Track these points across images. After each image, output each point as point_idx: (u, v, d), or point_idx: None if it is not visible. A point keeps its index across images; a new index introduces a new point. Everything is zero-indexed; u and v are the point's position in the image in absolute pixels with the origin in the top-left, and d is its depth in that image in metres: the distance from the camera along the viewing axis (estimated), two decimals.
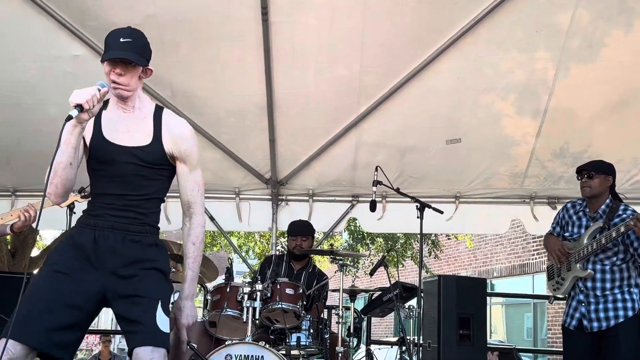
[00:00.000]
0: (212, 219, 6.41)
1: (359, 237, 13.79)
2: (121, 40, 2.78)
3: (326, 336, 4.76)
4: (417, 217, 4.79)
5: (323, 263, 14.37)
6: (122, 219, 2.80)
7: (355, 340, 5.12)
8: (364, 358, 6.12)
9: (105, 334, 13.04)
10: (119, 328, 5.04)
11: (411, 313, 5.15)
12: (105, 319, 31.97)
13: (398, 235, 13.48)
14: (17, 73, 5.03)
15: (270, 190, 6.36)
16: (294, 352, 4.72)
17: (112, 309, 2.81)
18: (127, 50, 2.76)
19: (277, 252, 6.40)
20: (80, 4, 4.66)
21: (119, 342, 19.10)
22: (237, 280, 5.27)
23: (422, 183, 6.16)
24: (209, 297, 4.73)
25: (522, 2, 4.70)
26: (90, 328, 2.90)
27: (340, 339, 4.71)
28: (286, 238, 5.77)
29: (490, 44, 4.95)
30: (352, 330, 4.92)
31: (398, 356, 5.22)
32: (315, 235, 5.80)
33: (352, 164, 6.06)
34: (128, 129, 2.86)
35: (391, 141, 5.85)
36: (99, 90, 2.66)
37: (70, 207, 4.32)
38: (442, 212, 5.02)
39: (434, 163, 6.03)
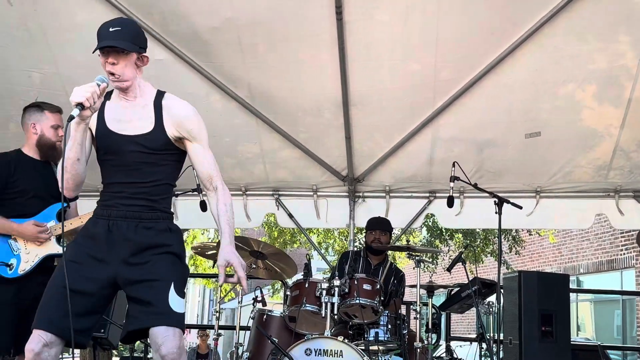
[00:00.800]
0: (290, 216, 6.52)
1: (437, 233, 13.65)
2: (110, 30, 2.80)
3: (404, 332, 4.78)
4: (496, 213, 4.75)
5: (403, 260, 14.33)
6: (133, 207, 2.85)
7: (434, 337, 5.12)
8: (444, 354, 6.10)
9: (202, 329, 13.98)
10: (212, 323, 5.23)
11: (491, 309, 5.11)
12: (200, 314, 33.01)
13: (477, 231, 13.27)
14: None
15: (347, 187, 6.41)
16: (373, 347, 4.77)
17: (125, 292, 2.86)
18: (117, 39, 2.77)
19: (355, 248, 6.45)
20: (162, 10, 4.83)
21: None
22: (317, 276, 5.37)
23: (501, 178, 6.07)
24: (288, 293, 4.84)
25: None
26: (186, 323, 2.97)
27: (418, 334, 4.73)
28: (364, 234, 5.81)
29: (569, 34, 4.83)
30: (430, 326, 4.91)
31: (478, 353, 5.18)
32: (392, 232, 5.82)
33: (429, 159, 6.03)
34: (130, 118, 2.89)
35: (468, 136, 5.80)
36: (99, 85, 2.69)
37: None
38: (521, 208, 4.97)
39: (513, 157, 5.93)
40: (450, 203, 4.95)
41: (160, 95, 2.96)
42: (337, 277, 4.64)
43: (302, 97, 5.54)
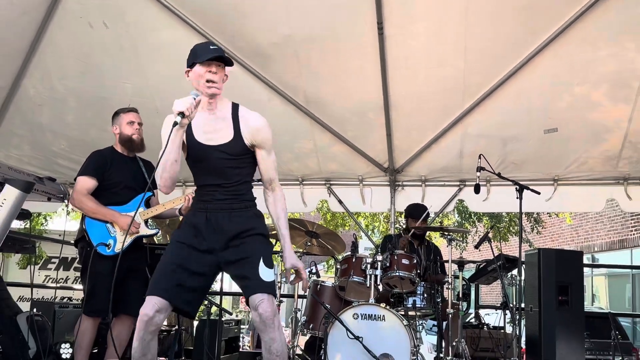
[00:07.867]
0: (340, 202, 6.54)
1: (466, 217, 13.56)
2: (211, 47, 2.88)
3: (438, 300, 4.76)
4: (517, 198, 4.67)
5: (437, 240, 14.19)
6: (225, 200, 2.90)
7: (464, 305, 5.08)
8: (473, 320, 6.06)
9: None
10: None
11: (514, 281, 5.04)
12: None
13: (503, 214, 13.07)
14: (179, 93, 5.33)
15: (389, 177, 6.39)
16: (411, 313, 4.77)
17: (227, 272, 2.95)
18: (222, 54, 2.85)
19: (395, 231, 6.46)
20: (231, 30, 4.90)
21: None
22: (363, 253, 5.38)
23: (522, 168, 5.96)
24: (338, 266, 4.87)
25: (612, 1, 4.45)
26: None
27: (450, 302, 4.71)
28: (406, 219, 5.75)
29: (583, 42, 4.71)
30: (460, 296, 4.89)
31: (502, 317, 5.13)
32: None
33: (459, 153, 5.96)
34: (214, 129, 2.89)
35: (494, 132, 5.69)
36: (194, 98, 2.72)
37: None
38: (539, 193, 4.88)
39: (533, 150, 5.80)
40: (477, 190, 4.90)
41: (235, 107, 2.97)
42: (379, 254, 4.65)
43: (349, 101, 5.55)
